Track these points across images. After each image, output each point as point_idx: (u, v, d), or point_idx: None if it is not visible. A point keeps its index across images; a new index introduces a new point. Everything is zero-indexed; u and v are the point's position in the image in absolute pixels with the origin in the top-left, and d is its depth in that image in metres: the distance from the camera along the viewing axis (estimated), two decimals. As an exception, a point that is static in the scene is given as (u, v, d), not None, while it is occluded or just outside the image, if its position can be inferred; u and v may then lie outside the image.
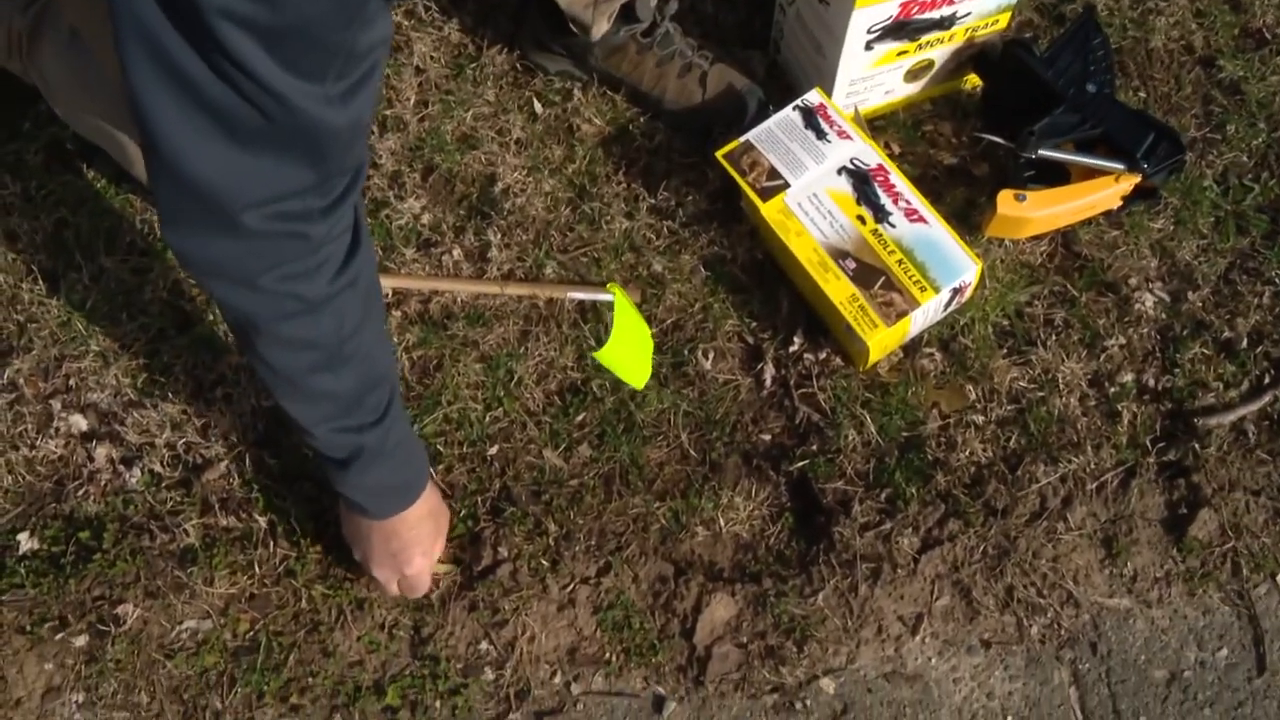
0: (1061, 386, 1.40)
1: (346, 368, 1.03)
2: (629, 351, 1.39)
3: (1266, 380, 1.42)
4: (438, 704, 1.25)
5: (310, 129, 0.83)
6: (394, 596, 1.26)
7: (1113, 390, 1.40)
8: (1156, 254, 1.50)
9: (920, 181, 1.50)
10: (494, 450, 1.36)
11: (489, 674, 1.26)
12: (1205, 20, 1.68)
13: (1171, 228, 1.51)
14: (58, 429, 1.37)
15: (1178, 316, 1.46)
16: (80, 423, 1.38)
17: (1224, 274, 1.49)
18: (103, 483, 1.35)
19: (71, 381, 1.40)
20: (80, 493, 1.34)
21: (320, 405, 1.06)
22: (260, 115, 0.80)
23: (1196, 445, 1.37)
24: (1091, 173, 1.45)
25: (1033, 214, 1.43)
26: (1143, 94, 1.62)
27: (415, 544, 1.20)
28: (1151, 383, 1.41)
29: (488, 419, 1.37)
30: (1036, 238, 1.49)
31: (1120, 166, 1.44)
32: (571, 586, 1.29)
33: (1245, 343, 1.44)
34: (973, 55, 1.55)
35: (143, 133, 0.82)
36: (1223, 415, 1.39)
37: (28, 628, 1.27)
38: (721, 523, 1.33)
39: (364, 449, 1.10)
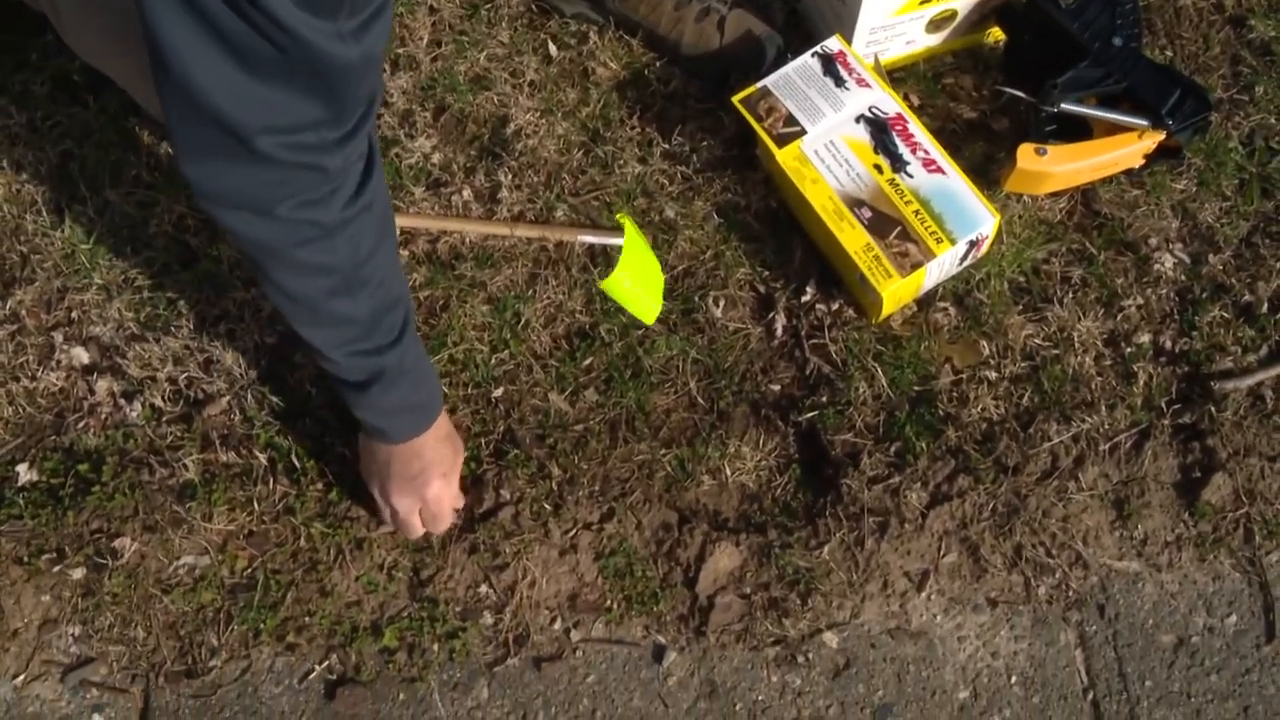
0: (1077, 345, 1.38)
1: (364, 291, 1.04)
2: (638, 284, 1.37)
3: (1287, 345, 1.40)
4: (435, 647, 1.24)
5: (322, 63, 0.84)
6: (416, 534, 1.25)
7: (1129, 351, 1.38)
8: (1178, 214, 1.48)
9: (939, 135, 1.47)
10: (499, 392, 1.35)
11: (488, 618, 1.25)
12: (1237, -22, 1.65)
13: (1194, 188, 1.49)
14: (59, 361, 1.36)
15: (1197, 278, 1.43)
16: (82, 355, 1.37)
17: (1246, 237, 1.47)
18: (103, 416, 1.34)
19: (74, 314, 1.39)
20: (80, 425, 1.33)
21: (340, 329, 1.08)
22: (273, 48, 0.81)
23: (1212, 409, 1.34)
24: (1114, 129, 1.42)
25: (1053, 169, 1.40)
26: (1170, 53, 1.59)
27: (435, 465, 1.21)
28: (1169, 344, 1.39)
29: (493, 361, 1.36)
30: (1056, 194, 1.47)
31: (1144, 123, 1.41)
32: (574, 532, 1.28)
33: (1265, 307, 1.41)
34: (996, 7, 1.52)
35: (155, 60, 0.83)
36: (1240, 380, 1.36)
37: (25, 559, 1.26)
38: (728, 472, 1.32)
39: (384, 370, 1.11)
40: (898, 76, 1.55)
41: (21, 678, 1.23)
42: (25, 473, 1.30)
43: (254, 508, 1.28)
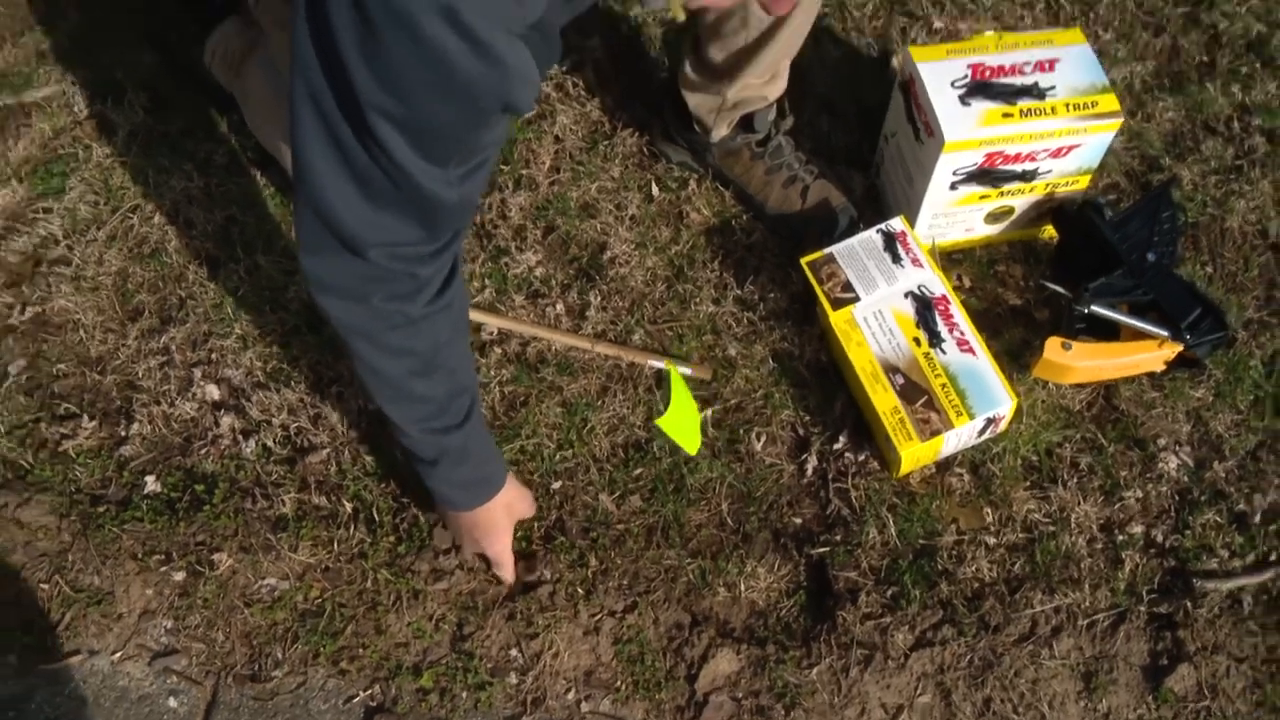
0: (1074, 525, 1.49)
1: (438, 375, 1.21)
2: (683, 421, 1.55)
3: (1273, 557, 1.47)
4: (464, 694, 1.40)
5: (429, 201, 1.02)
6: (505, 573, 1.44)
7: (1121, 538, 1.48)
8: (1191, 420, 1.57)
9: (984, 316, 1.61)
10: (557, 485, 1.52)
11: (513, 678, 1.41)
12: (1285, 210, 1.75)
13: (1210, 398, 1.59)
14: (195, 394, 1.57)
15: (1199, 482, 1.53)
16: (214, 393, 1.57)
17: (1252, 450, 1.56)
18: (222, 447, 1.54)
19: (214, 356, 1.60)
20: (202, 452, 1.53)
21: (417, 406, 1.23)
22: (392, 185, 0.99)
23: (1189, 604, 1.43)
24: (1138, 335, 1.54)
25: (1076, 363, 1.53)
26: (1210, 269, 1.69)
27: (491, 530, 1.38)
28: (1160, 538, 1.49)
29: (558, 457, 1.53)
30: (1080, 386, 1.59)
31: (1164, 334, 1.53)
32: (599, 616, 1.44)
33: (1259, 519, 1.50)
34: (1052, 208, 1.66)
35: (297, 174, 1.02)
36: (1222, 581, 1.45)
37: (139, 555, 1.47)
38: (742, 587, 1.46)
39: (449, 448, 1.27)
40: (955, 258, 1.70)
41: (118, 655, 1.43)
42: (151, 483, 1.51)
43: (333, 548, 1.47)
